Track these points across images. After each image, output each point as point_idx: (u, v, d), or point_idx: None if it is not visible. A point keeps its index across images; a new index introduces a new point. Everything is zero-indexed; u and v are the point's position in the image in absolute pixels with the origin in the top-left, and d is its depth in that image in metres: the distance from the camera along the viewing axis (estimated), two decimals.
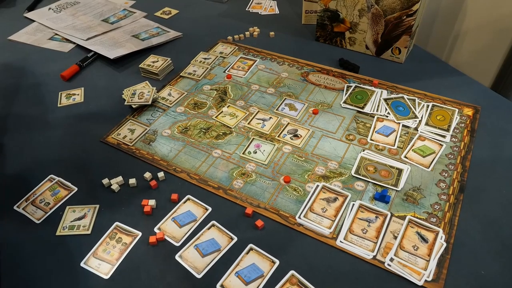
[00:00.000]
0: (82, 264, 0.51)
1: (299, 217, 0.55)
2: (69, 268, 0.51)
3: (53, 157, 0.66)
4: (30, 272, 0.51)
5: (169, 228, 0.55)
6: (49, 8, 1.08)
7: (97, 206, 0.58)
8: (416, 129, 0.68)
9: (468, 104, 0.72)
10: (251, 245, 0.52)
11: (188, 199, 0.58)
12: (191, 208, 0.57)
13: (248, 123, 0.70)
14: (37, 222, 0.57)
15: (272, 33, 0.95)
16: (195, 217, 0.56)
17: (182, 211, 0.57)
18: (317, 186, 0.59)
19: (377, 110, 0.71)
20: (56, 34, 0.99)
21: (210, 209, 0.57)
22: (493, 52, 1.02)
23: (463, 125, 0.68)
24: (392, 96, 0.74)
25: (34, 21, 1.04)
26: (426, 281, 0.48)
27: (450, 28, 1.06)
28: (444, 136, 0.66)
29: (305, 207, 0.56)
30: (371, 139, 0.66)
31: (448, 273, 0.48)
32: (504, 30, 0.98)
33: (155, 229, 0.55)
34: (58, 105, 0.77)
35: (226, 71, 0.83)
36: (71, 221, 0.56)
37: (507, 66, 0.98)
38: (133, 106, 0.74)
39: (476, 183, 0.59)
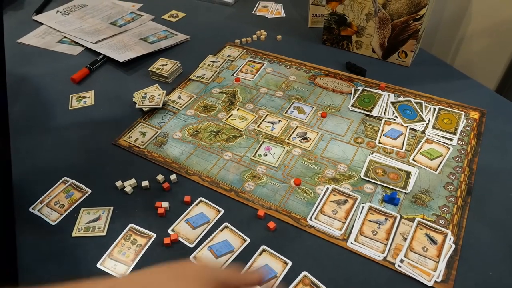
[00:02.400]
0: (98, 265, 0.52)
1: (310, 219, 0.56)
2: (85, 269, 0.52)
3: (66, 160, 0.67)
4: (46, 274, 0.52)
5: (182, 230, 0.56)
6: (57, 11, 1.09)
7: (111, 208, 0.59)
8: (423, 132, 0.69)
9: (474, 108, 0.73)
10: (263, 246, 0.53)
11: (201, 201, 0.60)
12: (204, 210, 0.58)
13: (258, 126, 0.71)
14: (53, 224, 0.58)
15: (279, 36, 0.96)
16: (208, 218, 0.57)
17: (195, 213, 0.58)
18: (327, 188, 0.60)
19: (384, 113, 0.72)
20: (65, 37, 1.00)
21: (222, 211, 0.58)
22: (498, 55, 1.04)
23: (469, 128, 0.69)
24: (399, 99, 0.75)
25: (42, 24, 1.05)
26: (435, 281, 0.49)
27: (455, 31, 1.07)
28: (451, 139, 0.67)
29: (316, 209, 0.57)
30: (379, 142, 0.67)
31: (457, 274, 0.49)
32: (509, 33, 0.99)
33: (169, 231, 0.56)
34: (69, 108, 0.78)
35: (234, 74, 0.84)
36: (86, 223, 0.57)
37: (511, 70, 0.99)
38: (144, 109, 0.75)
39: (483, 186, 0.60)
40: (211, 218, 0.57)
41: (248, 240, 0.54)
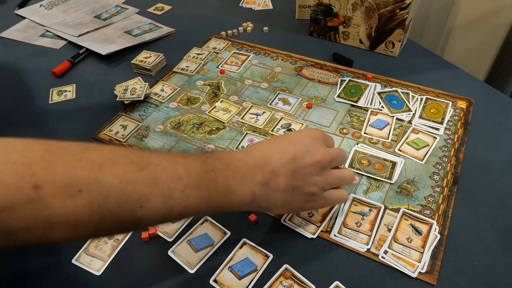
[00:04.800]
0: (73, 261, 0.51)
1: (284, 221, 0.54)
2: (60, 265, 0.50)
3: None
4: (20, 269, 0.50)
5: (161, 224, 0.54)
6: (41, 5, 1.07)
7: None
8: (410, 122, 0.67)
9: (461, 97, 0.72)
10: (244, 239, 0.52)
11: None
12: None
13: (242, 118, 0.70)
14: None
15: (265, 28, 0.94)
16: None
17: None
18: None
19: (371, 104, 0.71)
20: (48, 31, 0.98)
21: None
22: (487, 46, 1.03)
23: (456, 117, 0.68)
24: (386, 89, 0.74)
25: (25, 18, 1.03)
26: (420, 272, 0.48)
27: (444, 22, 1.06)
28: (437, 129, 0.66)
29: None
30: (365, 133, 0.66)
31: (442, 265, 0.48)
32: (498, 24, 0.98)
33: None
34: (50, 102, 0.76)
35: (219, 67, 0.83)
36: None
37: (500, 60, 0.98)
38: (125, 102, 0.73)
39: (470, 175, 0.59)
40: None
41: (229, 233, 0.53)
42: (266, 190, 0.43)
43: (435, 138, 0.64)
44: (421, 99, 0.71)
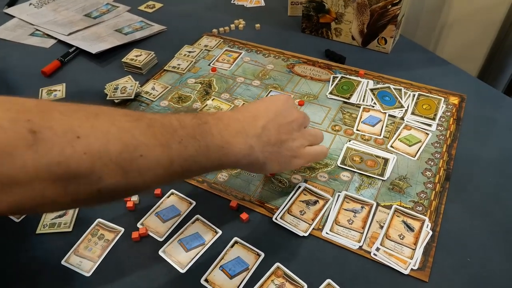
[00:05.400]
0: (63, 262, 0.50)
1: (276, 219, 0.53)
2: (50, 267, 0.50)
3: None
4: (9, 271, 0.50)
5: (152, 223, 0.54)
6: (30, 4, 1.06)
7: None
8: (402, 118, 0.67)
9: (453, 93, 0.72)
10: (236, 238, 0.51)
11: (172, 193, 0.57)
12: (175, 202, 0.56)
13: None
14: (17, 220, 0.55)
15: (257, 25, 0.94)
16: (179, 211, 0.55)
17: (166, 205, 0.56)
18: (299, 187, 0.57)
19: (363, 100, 0.71)
20: (37, 29, 0.96)
21: (194, 203, 0.56)
22: (479, 42, 1.03)
23: (449, 113, 0.68)
24: (378, 86, 0.74)
25: (14, 17, 1.02)
26: (412, 269, 0.47)
27: (437, 18, 1.06)
28: (430, 125, 0.66)
29: (283, 208, 0.55)
30: (357, 130, 0.66)
31: (434, 261, 0.48)
32: (490, 20, 0.99)
33: (138, 225, 0.54)
34: None
35: (211, 64, 0.82)
36: (52, 219, 0.55)
37: (492, 55, 0.98)
38: (116, 101, 0.72)
39: (462, 171, 0.59)
40: (182, 210, 0.55)
41: (220, 232, 0.52)
42: (260, 143, 0.46)
43: (428, 134, 0.64)
44: (414, 95, 0.71)
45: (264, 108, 0.49)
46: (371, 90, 0.73)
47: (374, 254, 0.49)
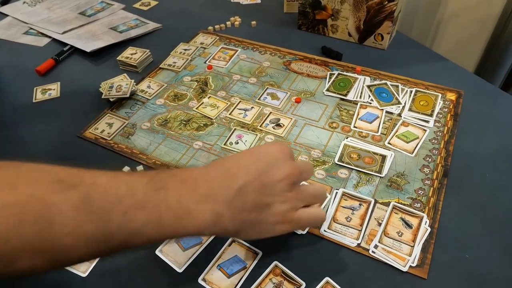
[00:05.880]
0: None
1: None
2: None
3: (29, 154, 0.64)
4: None
5: None
6: (24, 2, 1.05)
7: None
8: (399, 115, 0.67)
9: (450, 89, 0.71)
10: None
11: None
12: None
13: (230, 114, 0.69)
14: None
15: (253, 22, 0.93)
16: None
17: None
18: None
19: (360, 97, 0.70)
20: (31, 28, 0.95)
21: None
22: (476, 37, 1.02)
23: (446, 110, 0.68)
24: (375, 82, 0.73)
25: (8, 15, 1.01)
26: (410, 266, 0.47)
27: (433, 14, 1.05)
28: (427, 121, 0.65)
29: None
30: (354, 126, 0.65)
31: (433, 258, 0.48)
32: (487, 15, 0.98)
33: None
34: (34, 101, 0.74)
35: (207, 62, 0.81)
36: None
37: (489, 50, 0.98)
38: (111, 100, 0.71)
39: (460, 167, 0.58)
40: None
41: None
42: (231, 210, 0.38)
43: (425, 130, 0.64)
44: (411, 92, 0.71)
45: (246, 163, 0.40)
46: (368, 86, 0.72)
47: (373, 252, 0.49)
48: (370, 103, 0.69)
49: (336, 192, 0.55)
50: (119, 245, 0.34)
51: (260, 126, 0.66)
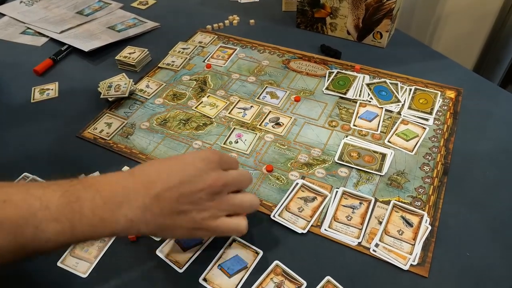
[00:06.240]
0: (58, 264, 0.49)
1: (274, 216, 0.53)
2: (45, 269, 0.49)
3: (28, 155, 0.64)
4: (5, 274, 0.49)
5: None
6: (21, 1, 1.04)
7: None
8: (399, 113, 0.67)
9: (450, 87, 0.71)
10: (233, 236, 0.51)
11: None
12: None
13: (229, 113, 0.68)
14: None
15: (252, 21, 0.93)
16: None
17: None
18: (297, 184, 0.57)
19: (359, 96, 0.70)
20: (29, 28, 0.95)
21: None
22: (475, 35, 1.02)
23: (445, 107, 0.68)
24: (375, 81, 0.73)
25: (5, 15, 1.00)
26: (411, 265, 0.47)
27: (432, 12, 1.05)
28: (427, 119, 0.65)
29: (281, 205, 0.54)
30: (354, 125, 0.65)
31: (434, 256, 0.48)
32: (485, 12, 0.98)
33: None
34: (32, 101, 0.74)
35: (205, 61, 0.81)
36: None
37: (488, 47, 0.98)
38: (110, 99, 0.71)
39: (459, 165, 0.58)
40: None
41: None
42: (146, 215, 0.40)
43: (425, 128, 0.64)
44: (410, 90, 0.71)
45: (167, 171, 0.42)
46: (368, 85, 0.72)
47: (373, 250, 0.49)
48: (370, 102, 0.69)
49: (337, 191, 0.55)
50: (33, 252, 0.37)
51: (260, 125, 0.66)
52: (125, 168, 0.60)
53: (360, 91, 0.71)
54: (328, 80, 0.74)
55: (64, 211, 0.37)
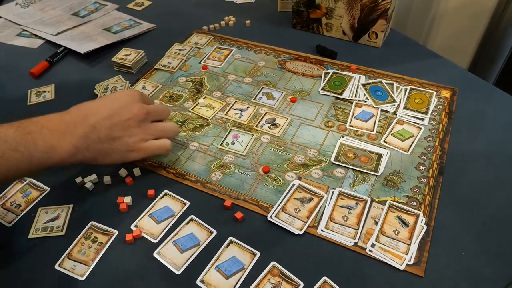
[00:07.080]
0: (56, 267, 0.49)
1: (270, 217, 0.53)
2: (42, 272, 0.49)
3: None
4: (2, 277, 0.49)
5: (146, 225, 0.53)
6: (16, 3, 1.04)
7: (71, 206, 0.56)
8: (394, 113, 0.67)
9: (445, 86, 0.72)
10: (231, 238, 0.51)
11: (165, 194, 0.57)
12: (169, 203, 0.56)
13: (225, 114, 0.69)
14: (8, 225, 0.54)
15: (248, 21, 0.93)
16: (173, 212, 0.55)
17: (159, 207, 0.55)
18: (293, 185, 0.57)
19: (355, 96, 0.71)
20: (24, 30, 0.95)
21: (188, 203, 0.56)
22: (470, 35, 1.03)
23: (441, 107, 0.68)
24: (370, 81, 0.74)
25: (0, 17, 1.00)
26: (407, 265, 0.47)
27: (427, 11, 1.06)
28: (422, 119, 0.66)
29: (278, 206, 0.54)
30: (350, 125, 0.65)
31: (429, 256, 0.48)
32: (480, 11, 0.99)
33: (132, 227, 0.53)
34: (28, 103, 0.74)
35: (201, 62, 0.81)
36: (44, 223, 0.54)
37: (483, 46, 0.98)
38: None
39: (455, 165, 0.59)
40: (176, 211, 0.55)
41: (215, 232, 0.52)
42: (87, 142, 0.50)
43: (420, 128, 0.64)
44: (406, 90, 0.71)
45: (98, 106, 0.52)
46: (363, 85, 0.72)
47: (370, 251, 0.49)
48: (365, 102, 0.69)
49: (333, 192, 0.56)
50: (2, 178, 0.46)
51: (256, 126, 0.66)
52: (123, 171, 0.60)
53: (356, 91, 0.71)
54: (324, 80, 0.74)
55: (21, 141, 0.45)
